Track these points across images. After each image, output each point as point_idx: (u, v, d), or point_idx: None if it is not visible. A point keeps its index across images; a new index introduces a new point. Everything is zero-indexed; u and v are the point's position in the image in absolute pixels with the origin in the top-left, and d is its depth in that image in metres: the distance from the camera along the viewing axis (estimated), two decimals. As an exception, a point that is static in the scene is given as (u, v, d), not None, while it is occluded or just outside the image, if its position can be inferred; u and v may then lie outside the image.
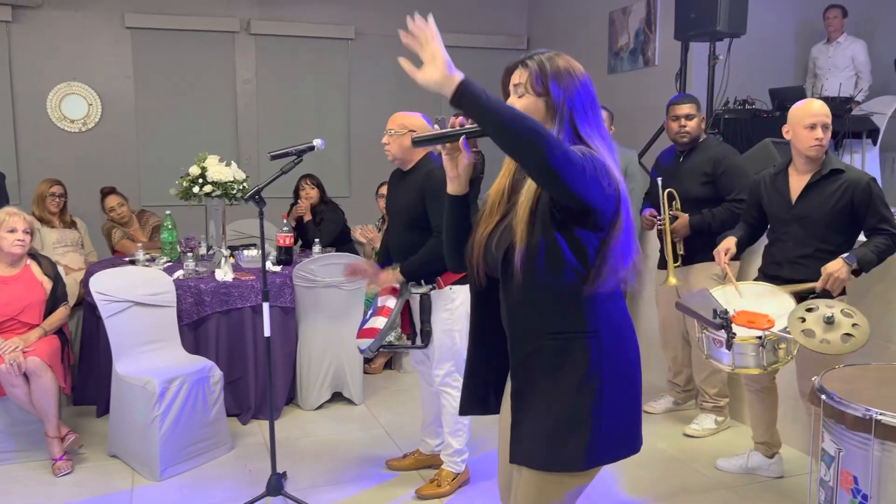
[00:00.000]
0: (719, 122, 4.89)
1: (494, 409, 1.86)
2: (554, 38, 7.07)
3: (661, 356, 4.24)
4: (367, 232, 5.02)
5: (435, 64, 1.48)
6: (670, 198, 3.68)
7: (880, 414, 1.97)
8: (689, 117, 3.66)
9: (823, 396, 2.16)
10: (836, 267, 2.77)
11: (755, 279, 3.15)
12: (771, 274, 3.07)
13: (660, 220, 3.68)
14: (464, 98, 1.47)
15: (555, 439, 1.62)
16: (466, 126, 1.65)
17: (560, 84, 1.63)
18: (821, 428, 2.24)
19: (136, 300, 3.60)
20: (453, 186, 1.76)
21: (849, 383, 2.21)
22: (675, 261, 3.68)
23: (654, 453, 3.59)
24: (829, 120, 2.88)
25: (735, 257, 3.31)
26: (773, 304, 2.77)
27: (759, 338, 2.64)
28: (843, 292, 2.92)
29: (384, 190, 4.22)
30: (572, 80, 1.65)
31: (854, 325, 2.47)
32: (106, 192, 5.05)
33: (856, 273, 2.82)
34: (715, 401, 3.81)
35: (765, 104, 5.17)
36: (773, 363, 2.67)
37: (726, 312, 2.64)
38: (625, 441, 1.68)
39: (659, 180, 3.74)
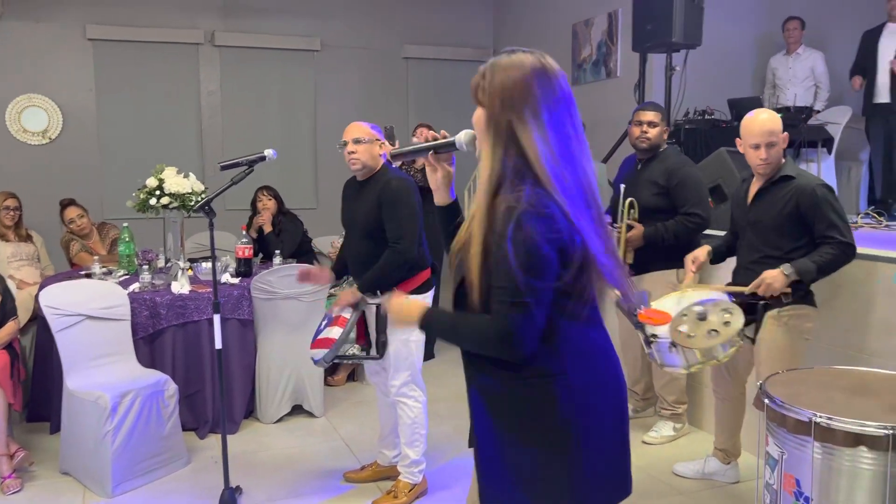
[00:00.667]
0: (679, 132, 4.95)
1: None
2: (519, 50, 7.12)
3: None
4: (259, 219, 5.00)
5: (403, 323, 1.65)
6: (630, 206, 3.71)
7: (820, 417, 1.98)
8: (651, 124, 3.68)
9: (767, 400, 2.17)
10: (773, 275, 2.77)
11: (717, 285, 3.17)
12: (732, 281, 3.08)
13: (616, 227, 3.71)
14: (426, 328, 1.61)
15: (535, 489, 1.47)
16: (439, 140, 1.66)
17: (494, 92, 1.45)
18: (765, 432, 2.26)
19: (89, 314, 3.54)
20: (436, 197, 1.77)
21: (792, 387, 2.23)
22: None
23: (613, 461, 3.60)
24: (774, 137, 2.83)
25: (712, 262, 3.29)
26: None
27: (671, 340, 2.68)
28: (806, 300, 2.91)
29: None
30: (510, 82, 1.44)
31: (725, 323, 2.54)
32: (65, 203, 4.97)
33: (798, 283, 2.82)
34: (673, 408, 3.83)
35: (724, 114, 5.24)
36: (695, 364, 2.67)
37: (635, 310, 2.67)
38: (616, 484, 1.55)
39: (622, 187, 3.77)
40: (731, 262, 3.18)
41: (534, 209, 1.38)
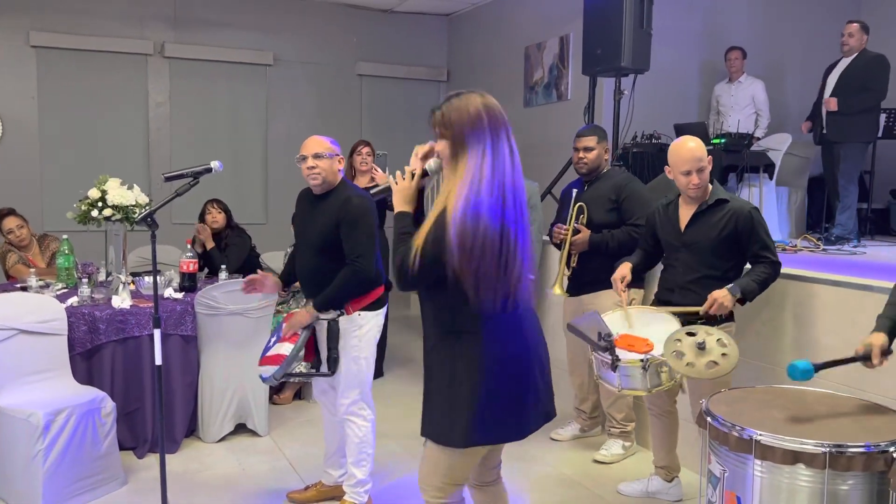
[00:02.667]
0: (627, 155, 5.05)
1: None
2: (472, 71, 7.20)
3: (567, 381, 4.28)
4: (199, 230, 4.89)
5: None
6: (579, 211, 3.78)
7: (759, 434, 2.02)
8: (587, 149, 3.80)
9: (709, 419, 2.21)
10: (721, 294, 2.87)
11: (651, 304, 3.24)
12: (663, 299, 3.16)
13: (564, 230, 3.78)
14: (396, 218, 2.08)
15: (445, 419, 2.03)
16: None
17: (452, 122, 1.96)
18: (708, 450, 2.29)
19: (22, 328, 3.40)
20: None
21: (733, 406, 2.27)
22: (567, 270, 3.79)
23: (558, 479, 3.61)
24: (702, 163, 2.96)
25: (635, 283, 3.40)
26: (661, 328, 2.85)
27: (643, 361, 2.70)
28: (730, 317, 3.03)
29: None
30: (466, 118, 1.96)
31: (723, 354, 2.57)
32: (3, 213, 4.80)
33: (741, 301, 2.92)
34: (622, 426, 3.86)
35: (670, 138, 5.36)
36: (656, 386, 2.74)
37: (609, 335, 2.72)
38: (506, 426, 2.04)
39: (574, 192, 3.86)
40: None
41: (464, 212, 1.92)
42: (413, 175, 2.08)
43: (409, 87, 7.49)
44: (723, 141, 5.31)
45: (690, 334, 2.66)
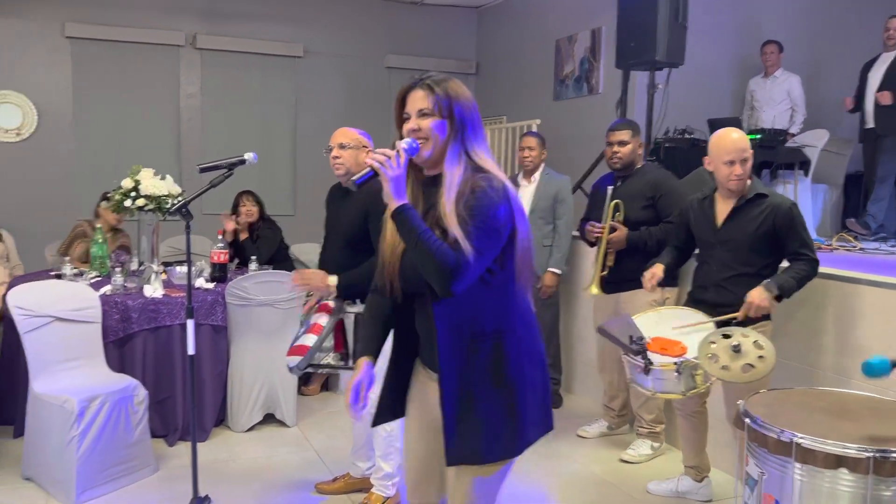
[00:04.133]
0: (659, 150, 4.98)
1: (402, 412, 2.02)
2: (502, 64, 7.15)
3: (596, 379, 4.25)
4: (227, 225, 4.88)
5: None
6: (616, 209, 3.72)
7: (800, 437, 1.98)
8: (622, 143, 3.73)
9: (748, 420, 2.17)
10: (757, 295, 2.81)
11: (684, 304, 3.19)
12: (697, 297, 3.11)
13: (599, 228, 3.72)
14: (398, 217, 1.73)
15: (491, 433, 1.78)
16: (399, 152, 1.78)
17: (461, 108, 1.79)
18: (745, 451, 2.25)
19: (58, 315, 3.45)
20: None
21: (772, 407, 2.23)
22: (603, 270, 3.73)
23: (587, 477, 3.58)
24: (746, 154, 2.92)
25: (668, 282, 3.35)
26: (694, 330, 2.81)
27: (676, 364, 2.65)
28: (767, 316, 2.97)
29: None
30: (467, 104, 1.81)
31: (760, 357, 2.51)
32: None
33: (778, 299, 2.86)
34: (651, 426, 3.82)
35: (703, 134, 5.29)
36: (691, 389, 2.69)
37: (641, 339, 2.67)
38: (545, 421, 1.88)
39: (609, 189, 3.78)
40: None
41: (505, 187, 1.77)
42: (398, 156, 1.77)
43: (438, 80, 7.45)
44: (757, 137, 5.20)
45: (726, 336, 2.60)
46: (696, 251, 3.23)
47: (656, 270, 3.17)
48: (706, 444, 3.28)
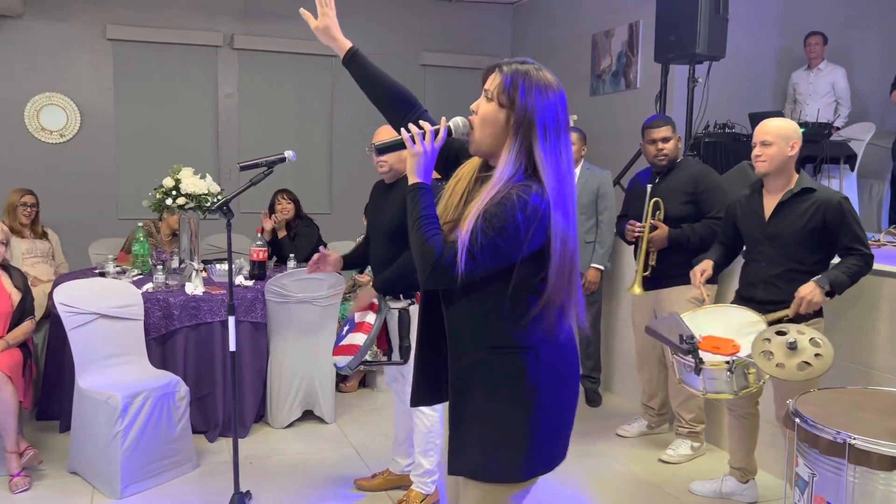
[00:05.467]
0: (699, 145, 4.90)
1: (446, 397, 1.85)
2: (537, 59, 7.03)
3: (635, 378, 4.19)
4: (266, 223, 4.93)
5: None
6: (655, 207, 3.66)
7: (854, 438, 1.92)
8: (665, 140, 3.66)
9: (798, 420, 2.11)
10: (808, 290, 2.73)
11: (732, 302, 3.12)
12: (746, 295, 3.04)
13: (640, 227, 3.66)
14: (409, 195, 1.66)
15: (495, 451, 1.66)
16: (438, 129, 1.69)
17: (526, 101, 1.61)
18: (795, 452, 2.19)
19: (102, 312, 3.51)
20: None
21: (823, 407, 2.17)
22: (645, 270, 3.67)
23: (628, 476, 3.53)
24: (769, 137, 2.88)
25: (712, 280, 3.28)
26: (743, 325, 2.74)
27: (728, 363, 2.59)
28: (819, 313, 2.89)
29: None
30: (542, 98, 1.62)
31: (817, 354, 2.43)
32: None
33: (829, 294, 2.78)
34: (691, 426, 3.75)
35: (744, 128, 5.18)
36: (744, 388, 2.62)
37: (692, 338, 2.61)
38: (558, 452, 1.73)
39: (648, 187, 3.73)
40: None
41: (531, 202, 1.57)
42: (435, 135, 1.68)
43: (472, 77, 7.42)
44: (801, 131, 5.08)
45: (780, 333, 2.53)
46: (745, 248, 3.16)
47: (706, 266, 3.10)
48: (756, 446, 3.21)
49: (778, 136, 2.87)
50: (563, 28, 6.76)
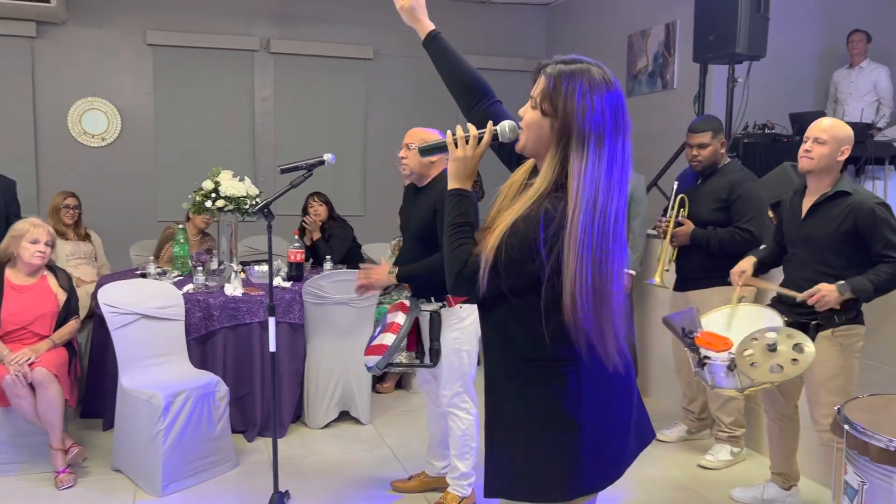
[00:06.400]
0: (738, 146, 4.83)
1: None
2: (572, 61, 7.05)
3: (672, 381, 4.14)
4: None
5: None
6: (681, 203, 3.65)
7: (905, 445, 1.88)
8: (702, 146, 3.60)
9: (847, 427, 2.07)
10: (829, 288, 2.69)
11: (769, 303, 3.07)
12: (779, 296, 2.99)
13: (664, 221, 3.64)
14: (448, 199, 1.62)
15: (534, 471, 1.57)
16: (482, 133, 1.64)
17: (567, 106, 1.49)
18: (843, 460, 2.15)
19: (145, 313, 3.57)
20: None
21: (872, 413, 2.12)
22: (666, 265, 3.68)
23: (666, 482, 3.49)
24: (825, 136, 2.80)
25: (755, 274, 3.22)
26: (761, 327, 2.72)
27: (731, 362, 2.60)
28: (856, 319, 2.82)
29: None
30: (584, 101, 1.48)
31: (793, 360, 2.44)
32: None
33: (854, 302, 2.73)
34: (731, 430, 3.70)
35: (784, 128, 5.10)
36: (748, 387, 2.61)
37: (692, 333, 2.64)
38: (607, 470, 1.62)
39: (675, 184, 3.73)
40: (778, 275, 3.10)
41: (559, 218, 1.48)
42: (479, 140, 1.61)
43: (506, 79, 7.39)
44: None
45: (771, 335, 2.55)
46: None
47: (745, 266, 3.06)
48: (796, 450, 3.15)
49: (833, 138, 2.80)
50: (598, 29, 6.72)
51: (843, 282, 2.70)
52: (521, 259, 1.49)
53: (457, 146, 1.61)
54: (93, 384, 4.08)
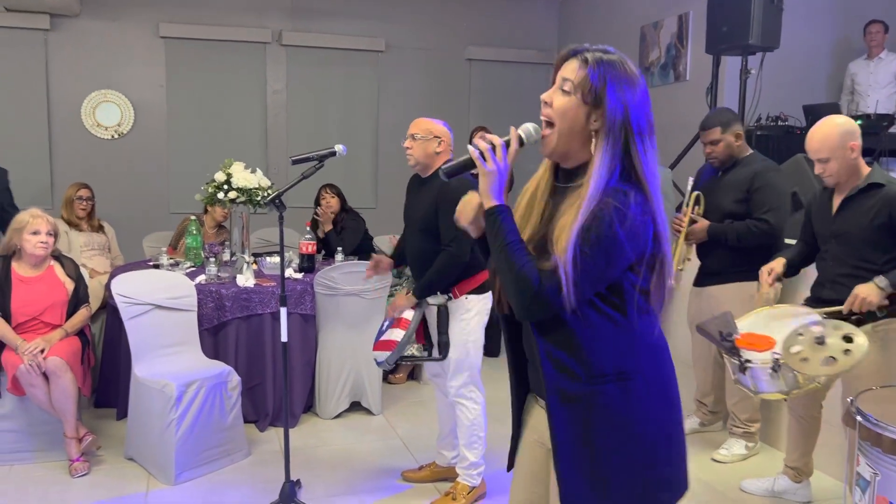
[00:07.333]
0: (751, 138, 4.79)
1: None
2: (584, 53, 7.01)
3: (687, 376, 4.12)
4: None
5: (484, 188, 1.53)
6: (696, 200, 3.62)
7: (918, 437, 1.87)
8: (714, 143, 3.55)
9: (860, 418, 2.06)
10: (866, 290, 2.63)
11: (804, 302, 3.01)
12: (815, 295, 2.94)
13: (678, 219, 3.63)
14: (488, 219, 1.51)
15: (617, 493, 1.49)
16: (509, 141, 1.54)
17: (618, 100, 1.44)
18: (856, 451, 2.14)
19: (158, 303, 3.60)
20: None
21: (885, 405, 2.11)
22: (681, 263, 3.66)
23: (678, 474, 3.48)
24: (822, 154, 2.73)
25: (786, 275, 3.16)
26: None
27: (771, 362, 2.49)
28: (882, 313, 2.75)
29: None
30: (632, 95, 1.45)
31: (845, 350, 2.34)
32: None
33: (893, 297, 2.67)
34: (745, 426, 3.67)
35: (798, 120, 5.06)
36: (794, 388, 2.52)
37: (731, 335, 2.53)
38: (681, 480, 1.57)
39: (690, 179, 3.71)
40: (811, 274, 3.05)
41: (631, 212, 1.43)
42: (506, 147, 1.51)
43: (518, 71, 7.40)
44: (859, 123, 4.93)
45: (817, 328, 2.46)
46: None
47: (774, 265, 2.99)
48: (814, 448, 3.12)
49: (832, 150, 2.72)
50: (610, 20, 6.68)
51: (880, 276, 2.64)
52: (601, 264, 1.41)
53: (484, 159, 1.50)
54: (106, 374, 4.12)
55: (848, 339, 2.40)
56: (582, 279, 1.41)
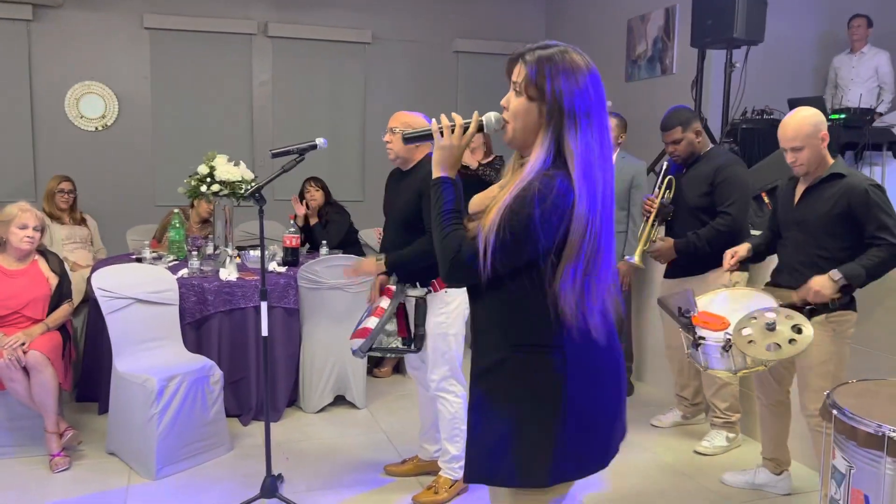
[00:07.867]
0: (736, 131, 4.80)
1: None
2: (572, 45, 7.01)
3: (667, 369, 4.15)
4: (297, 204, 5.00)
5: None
6: (668, 185, 3.67)
7: (893, 431, 1.88)
8: (676, 142, 3.63)
9: (835, 412, 2.07)
10: (821, 281, 2.69)
11: (764, 286, 3.07)
12: (772, 281, 3.01)
13: (649, 201, 3.68)
14: (434, 188, 1.63)
15: (516, 456, 1.57)
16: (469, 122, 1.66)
17: (554, 88, 1.53)
18: (832, 444, 2.15)
19: (138, 297, 3.57)
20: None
21: (861, 399, 2.12)
22: (646, 244, 3.69)
23: (659, 467, 3.50)
24: (795, 142, 2.78)
25: (751, 261, 3.23)
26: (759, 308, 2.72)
27: (727, 342, 2.60)
28: (850, 305, 2.82)
29: None
30: (569, 83, 1.54)
31: (790, 340, 2.45)
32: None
33: (849, 288, 2.72)
34: (726, 416, 3.70)
35: (783, 114, 5.05)
36: (742, 368, 2.62)
37: (688, 312, 2.63)
38: (592, 457, 1.63)
39: (664, 164, 3.76)
40: (773, 261, 3.11)
41: (553, 195, 1.50)
42: (465, 129, 1.63)
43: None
44: (842, 116, 4.96)
45: (770, 315, 2.56)
46: None
47: (738, 249, 3.07)
48: (788, 436, 3.16)
49: (806, 138, 2.77)
50: (597, 13, 6.67)
51: (835, 270, 2.70)
52: (519, 239, 1.50)
53: (442, 135, 1.62)
54: (88, 368, 4.10)
55: (797, 329, 2.50)
56: (495, 251, 1.51)
